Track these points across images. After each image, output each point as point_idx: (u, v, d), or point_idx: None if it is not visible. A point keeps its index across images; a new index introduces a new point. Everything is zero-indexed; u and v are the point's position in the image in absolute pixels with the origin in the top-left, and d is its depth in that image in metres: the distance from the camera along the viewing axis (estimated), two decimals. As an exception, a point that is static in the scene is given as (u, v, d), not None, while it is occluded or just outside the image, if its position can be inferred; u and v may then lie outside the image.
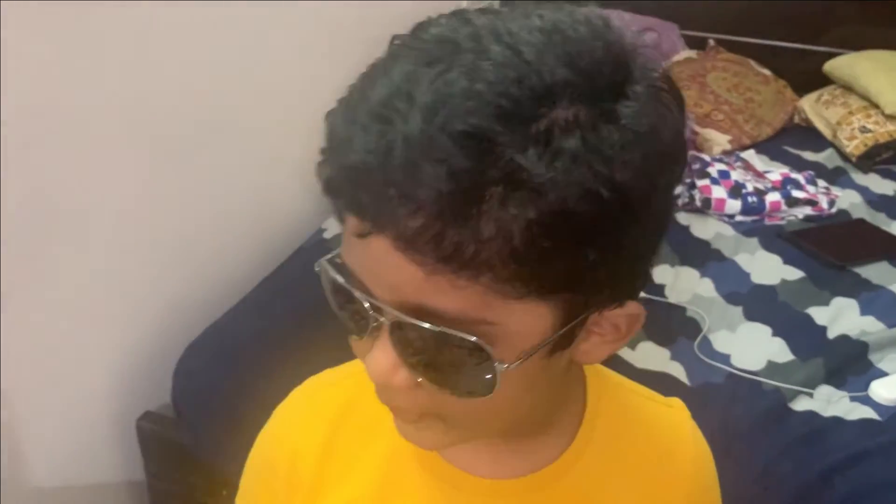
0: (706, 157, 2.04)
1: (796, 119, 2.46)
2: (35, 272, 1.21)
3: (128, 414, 1.43)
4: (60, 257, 1.24)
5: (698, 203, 1.90)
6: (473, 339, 0.43)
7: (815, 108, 2.39)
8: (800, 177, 2.00)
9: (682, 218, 1.87)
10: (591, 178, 0.39)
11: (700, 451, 0.64)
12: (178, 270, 1.52)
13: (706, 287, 1.61)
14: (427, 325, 0.43)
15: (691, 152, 2.10)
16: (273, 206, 1.78)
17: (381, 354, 0.46)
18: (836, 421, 1.24)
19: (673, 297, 1.56)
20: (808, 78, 2.44)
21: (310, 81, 1.47)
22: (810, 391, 1.30)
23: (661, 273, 1.64)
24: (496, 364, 0.44)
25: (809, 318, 1.50)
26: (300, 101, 1.43)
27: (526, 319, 0.44)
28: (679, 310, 1.52)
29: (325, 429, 0.60)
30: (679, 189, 1.95)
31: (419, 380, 0.46)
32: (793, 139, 2.33)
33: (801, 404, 1.28)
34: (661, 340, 1.42)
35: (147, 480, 1.42)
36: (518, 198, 0.39)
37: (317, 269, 0.49)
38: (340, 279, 0.47)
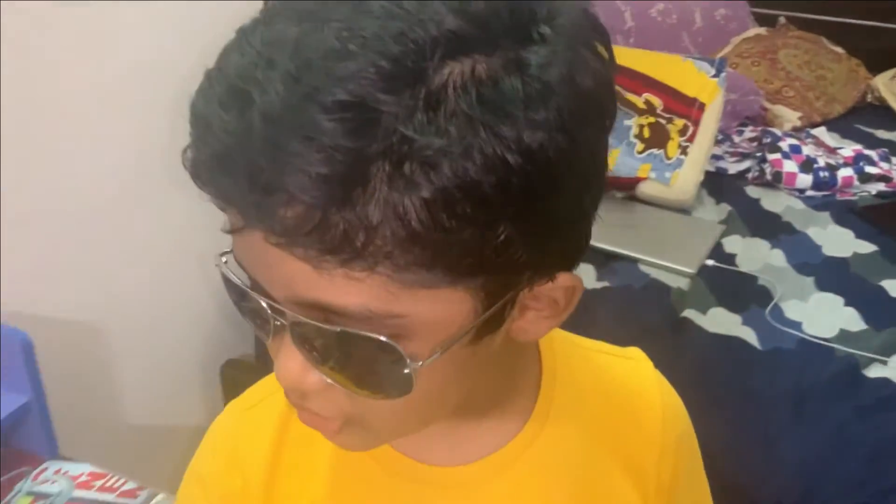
0: (777, 132, 2.03)
1: (869, 98, 2.42)
2: (136, 226, 1.28)
3: (213, 361, 1.50)
4: (163, 209, 1.31)
5: (769, 177, 1.89)
6: (380, 337, 0.37)
7: (890, 87, 2.35)
8: (873, 153, 1.97)
9: (752, 191, 1.87)
10: (494, 142, 0.34)
11: (668, 401, 0.60)
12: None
13: (777, 258, 1.61)
14: (325, 326, 0.38)
15: (761, 127, 2.09)
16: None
17: (288, 358, 0.40)
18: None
19: (744, 266, 1.56)
20: (883, 56, 2.40)
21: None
22: (885, 359, 1.30)
23: (732, 243, 1.64)
24: (409, 362, 0.38)
25: (883, 290, 1.49)
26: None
27: (439, 308, 0.38)
28: (750, 278, 1.52)
29: (267, 447, 0.54)
30: (749, 163, 1.95)
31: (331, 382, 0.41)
32: (865, 117, 2.29)
33: (875, 371, 1.28)
34: (733, 307, 1.43)
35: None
36: (408, 174, 0.33)
37: (215, 265, 0.44)
38: (235, 278, 0.42)
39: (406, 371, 0.39)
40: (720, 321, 1.39)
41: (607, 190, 1.77)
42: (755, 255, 1.61)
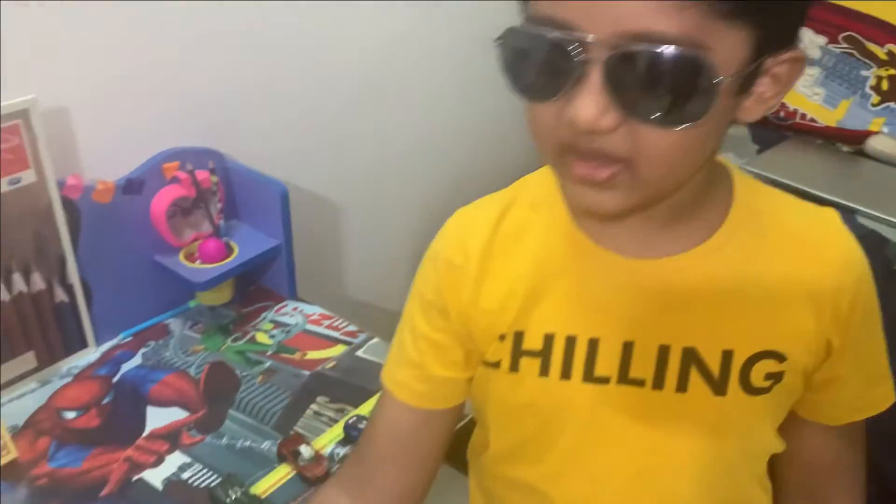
0: None
1: None
2: (357, 148, 1.43)
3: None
4: (382, 131, 1.45)
5: None
6: (698, 53, 0.46)
7: None
8: None
9: None
10: None
11: (852, 248, 0.64)
12: (473, 140, 1.70)
13: None
14: (659, 49, 0.45)
15: None
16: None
17: (589, 98, 0.48)
18: None
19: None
20: None
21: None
22: None
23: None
24: (714, 79, 0.47)
25: None
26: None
27: (730, 46, 0.47)
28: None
29: (486, 230, 0.65)
30: None
31: (628, 119, 0.48)
32: None
33: None
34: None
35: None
36: None
37: (499, 41, 0.52)
38: (544, 32, 0.48)
39: (704, 95, 0.48)
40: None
41: (833, 142, 1.71)
42: None
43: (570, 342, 0.63)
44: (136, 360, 1.05)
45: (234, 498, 0.84)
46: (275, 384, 1.02)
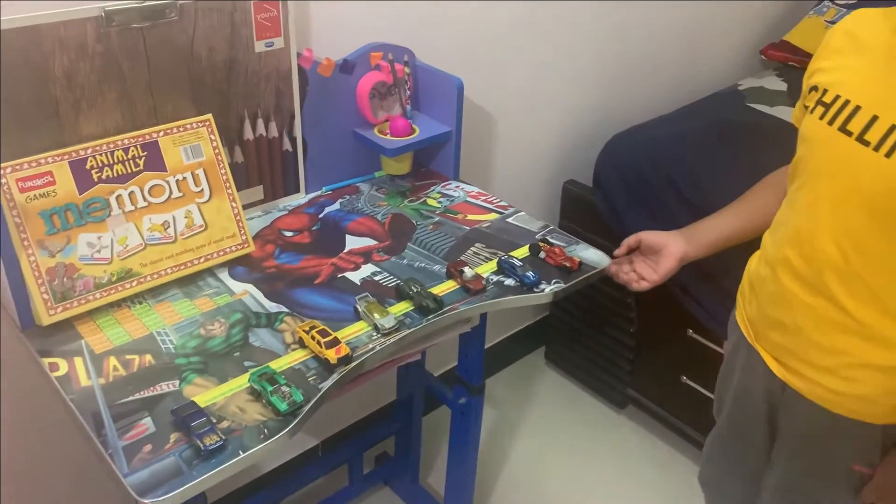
0: None
1: None
2: (518, 66, 1.66)
3: (559, 178, 1.86)
4: (539, 56, 1.68)
5: None
6: None
7: None
8: None
9: None
10: None
11: None
12: (617, 84, 1.91)
13: None
14: None
15: None
16: (701, 63, 2.08)
17: None
18: None
19: None
20: None
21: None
22: None
23: None
24: None
25: None
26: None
27: None
28: None
29: (847, 28, 0.97)
30: None
31: None
32: None
33: None
34: None
35: (560, 226, 1.85)
36: None
37: None
38: None
39: None
40: None
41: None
42: None
43: (846, 103, 0.91)
44: (336, 206, 1.32)
45: (416, 291, 1.09)
46: (443, 232, 1.27)
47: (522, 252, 1.22)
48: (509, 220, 1.32)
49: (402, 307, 1.08)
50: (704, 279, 1.56)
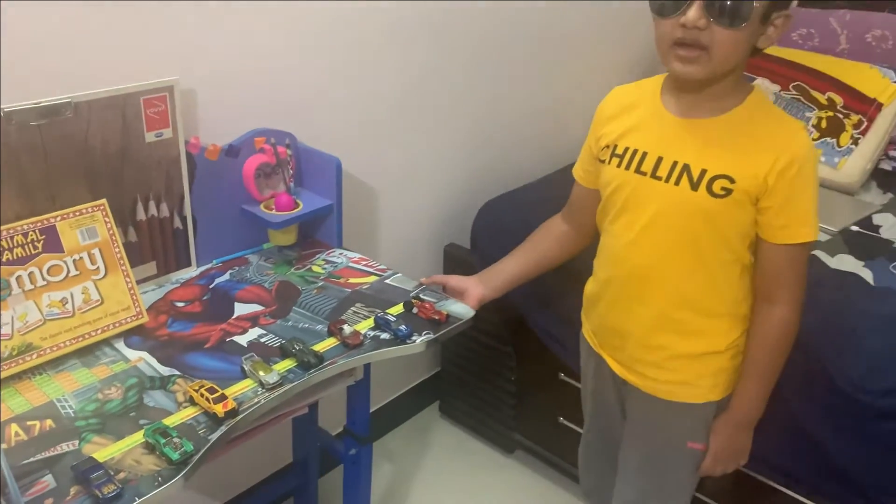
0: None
1: None
2: (397, 142, 1.85)
3: (440, 241, 2.04)
4: (415, 135, 1.87)
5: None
6: None
7: None
8: None
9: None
10: None
11: (803, 140, 1.12)
12: (490, 154, 2.11)
13: (923, 235, 1.84)
14: None
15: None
16: (565, 135, 2.31)
17: (695, 11, 1.02)
18: None
19: (885, 235, 1.81)
20: None
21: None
22: None
23: (882, 218, 1.89)
24: (756, 3, 1.02)
25: None
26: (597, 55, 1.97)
27: (758, 6, 1.02)
28: (886, 241, 1.77)
29: (614, 100, 1.28)
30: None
31: (711, 21, 1.02)
32: None
33: (973, 313, 1.50)
34: (860, 256, 1.69)
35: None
36: None
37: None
38: None
39: (752, 9, 1.02)
40: (844, 262, 1.67)
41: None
42: (901, 231, 1.85)
43: (635, 151, 1.19)
44: (226, 277, 1.45)
45: (298, 348, 1.22)
46: (326, 295, 1.41)
47: (398, 309, 1.37)
48: (387, 281, 1.47)
49: (285, 364, 1.21)
50: (566, 323, 1.74)
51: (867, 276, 1.63)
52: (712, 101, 1.13)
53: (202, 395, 1.09)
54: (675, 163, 1.15)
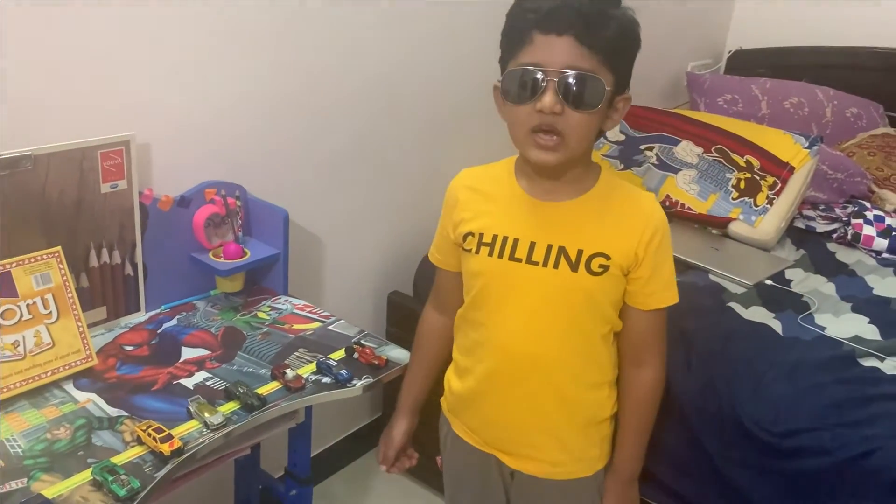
0: (866, 204, 2.39)
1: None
2: (342, 195, 1.94)
3: (384, 289, 2.12)
4: (360, 186, 1.97)
5: (849, 237, 2.26)
6: (598, 76, 1.04)
7: None
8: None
9: (832, 246, 2.23)
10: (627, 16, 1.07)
11: (657, 211, 1.19)
12: (430, 203, 2.21)
13: (828, 289, 1.97)
14: (582, 73, 1.03)
15: (857, 200, 2.45)
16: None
17: (550, 96, 1.04)
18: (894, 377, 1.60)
19: (796, 289, 1.96)
20: None
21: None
22: (882, 356, 1.65)
23: (794, 273, 2.03)
24: (606, 89, 1.06)
25: (911, 322, 1.82)
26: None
27: (606, 77, 1.05)
28: (796, 295, 1.92)
29: (467, 185, 1.26)
30: (836, 226, 2.31)
31: (566, 108, 1.05)
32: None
33: (868, 362, 1.64)
34: (771, 308, 1.83)
35: (387, 332, 2.09)
36: (611, 25, 1.05)
37: (497, 83, 1.12)
38: (529, 69, 1.05)
39: (602, 96, 1.06)
40: (756, 314, 1.80)
41: (705, 225, 2.22)
42: (810, 284, 1.99)
43: (505, 238, 1.18)
44: (174, 322, 1.51)
45: (242, 391, 1.28)
46: (270, 340, 1.48)
47: (339, 354, 1.45)
48: (330, 327, 1.55)
49: (230, 406, 1.27)
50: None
51: (777, 326, 1.76)
52: (571, 184, 1.16)
53: (149, 435, 1.14)
54: (550, 246, 1.16)
